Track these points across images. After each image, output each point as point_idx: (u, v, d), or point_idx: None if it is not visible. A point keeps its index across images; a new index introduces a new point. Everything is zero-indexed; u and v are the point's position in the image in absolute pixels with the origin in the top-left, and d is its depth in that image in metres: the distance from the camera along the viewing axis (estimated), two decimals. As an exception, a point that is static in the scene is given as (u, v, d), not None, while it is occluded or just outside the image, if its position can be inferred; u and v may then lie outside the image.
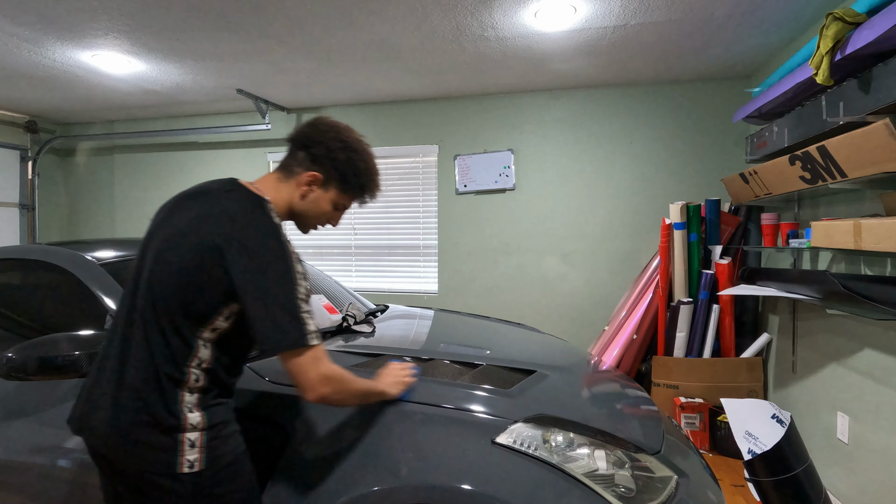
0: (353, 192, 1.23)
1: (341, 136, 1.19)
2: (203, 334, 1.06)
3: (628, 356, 3.10)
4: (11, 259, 1.80)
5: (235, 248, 1.03)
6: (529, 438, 1.22)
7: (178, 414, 1.03)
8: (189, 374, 1.05)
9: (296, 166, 1.18)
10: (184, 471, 1.02)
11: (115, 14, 2.44)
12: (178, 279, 1.04)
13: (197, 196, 1.13)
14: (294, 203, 1.19)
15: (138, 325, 1.06)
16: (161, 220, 1.13)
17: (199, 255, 1.03)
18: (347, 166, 1.19)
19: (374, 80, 3.45)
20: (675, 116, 3.49)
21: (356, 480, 1.17)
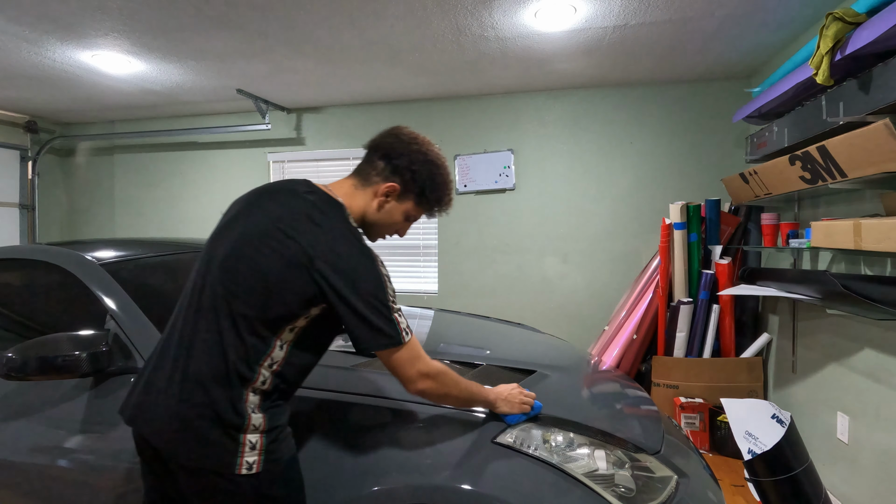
0: (428, 206, 1.22)
1: (423, 149, 1.19)
2: (282, 335, 1.05)
3: (628, 356, 3.10)
4: (11, 259, 1.80)
5: (325, 255, 1.03)
6: (529, 438, 1.22)
7: (243, 413, 1.01)
8: (258, 375, 1.04)
9: (374, 175, 1.18)
10: (241, 472, 1.00)
11: (115, 14, 2.44)
12: (262, 280, 1.03)
13: (276, 195, 1.12)
14: (368, 212, 1.18)
15: (209, 318, 1.04)
16: (237, 215, 1.12)
17: (287, 260, 1.03)
18: (428, 180, 1.18)
19: (374, 80, 3.45)
20: (675, 116, 3.49)
21: (356, 480, 1.17)
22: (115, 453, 1.36)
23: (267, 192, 1.15)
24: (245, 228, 1.08)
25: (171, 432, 1.01)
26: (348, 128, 4.07)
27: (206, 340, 1.03)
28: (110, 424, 1.39)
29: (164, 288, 1.70)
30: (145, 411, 1.05)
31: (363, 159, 1.22)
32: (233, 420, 1.01)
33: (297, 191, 1.13)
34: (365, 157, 1.22)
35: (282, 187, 1.15)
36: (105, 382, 1.44)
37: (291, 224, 1.05)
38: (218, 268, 1.07)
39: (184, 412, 1.01)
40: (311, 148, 4.15)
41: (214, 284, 1.06)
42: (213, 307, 1.05)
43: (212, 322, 1.04)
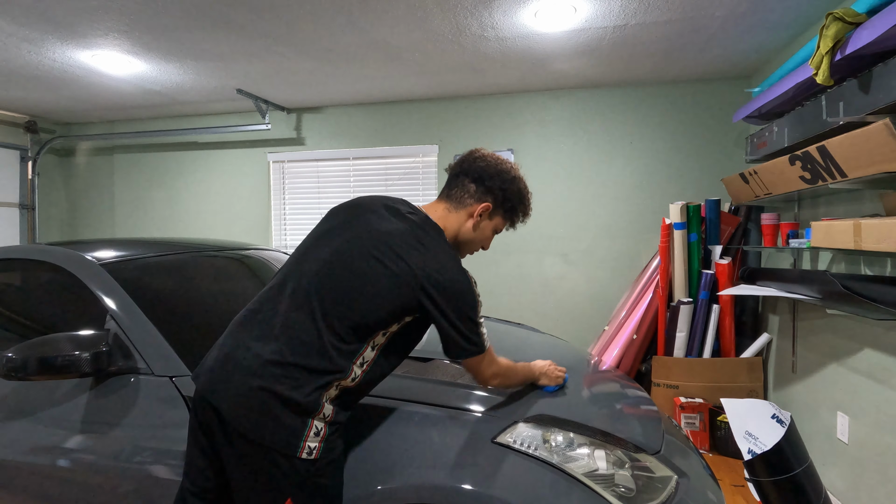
0: (514, 219, 1.35)
1: (507, 167, 1.31)
2: (375, 338, 1.13)
3: (628, 356, 3.10)
4: (11, 259, 1.80)
5: (432, 276, 1.13)
6: (529, 438, 1.22)
7: (318, 400, 1.07)
8: (351, 372, 1.10)
9: (468, 198, 1.29)
10: (302, 455, 1.05)
11: (115, 14, 2.44)
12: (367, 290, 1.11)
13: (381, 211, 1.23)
14: (463, 232, 1.29)
15: (304, 316, 1.10)
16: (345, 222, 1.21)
17: (396, 277, 1.12)
18: (517, 197, 1.31)
19: (373, 80, 3.45)
20: (675, 116, 3.49)
21: (356, 480, 1.17)
22: (115, 453, 1.36)
23: (370, 206, 1.24)
24: (349, 238, 1.17)
25: (246, 408, 1.06)
26: (348, 128, 4.07)
27: (306, 332, 1.09)
28: (110, 424, 1.39)
29: (164, 288, 1.70)
30: (222, 383, 1.09)
31: (452, 184, 1.32)
32: (308, 405, 1.06)
33: (401, 210, 1.23)
34: (453, 181, 1.31)
35: (385, 204, 1.25)
36: (105, 382, 1.44)
37: (400, 243, 1.15)
38: (317, 272, 1.14)
39: (263, 392, 1.05)
40: (311, 148, 4.15)
41: (310, 285, 1.13)
42: (308, 306, 1.11)
43: (307, 319, 1.10)
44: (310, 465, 1.07)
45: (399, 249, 1.14)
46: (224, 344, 1.15)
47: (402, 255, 1.14)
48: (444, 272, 1.14)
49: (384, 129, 4.00)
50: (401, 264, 1.13)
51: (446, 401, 1.31)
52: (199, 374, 1.16)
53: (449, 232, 1.27)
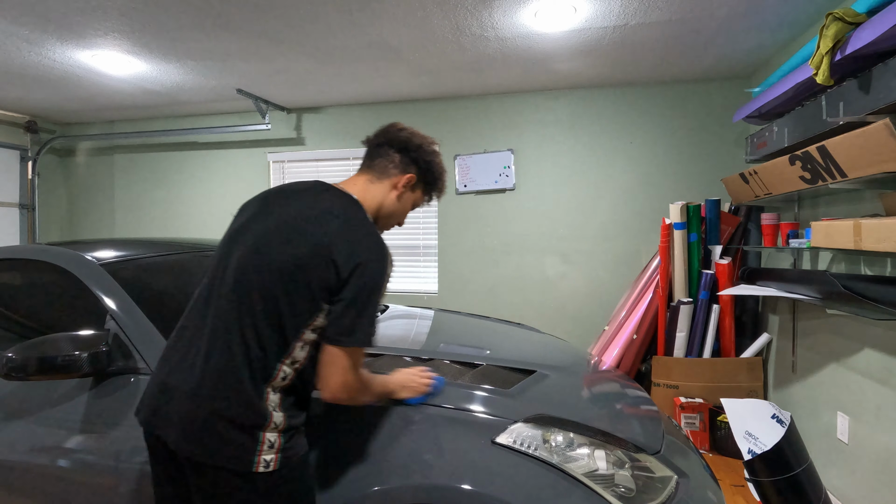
0: (432, 193, 1.33)
1: (429, 140, 1.29)
2: (303, 335, 1.06)
3: (628, 356, 3.10)
4: (11, 259, 1.80)
5: (344, 247, 1.06)
6: (529, 438, 1.22)
7: (264, 412, 1.03)
8: (279, 371, 1.05)
9: (392, 168, 1.25)
10: (259, 470, 1.02)
11: (115, 14, 2.44)
12: (282, 276, 1.04)
13: (291, 194, 1.16)
14: (386, 203, 1.24)
15: (228, 319, 1.05)
16: (254, 215, 1.15)
17: (310, 253, 1.05)
18: (437, 171, 1.30)
19: (374, 80, 3.45)
20: (675, 116, 3.49)
21: (356, 481, 1.17)
22: (115, 453, 1.36)
23: (282, 192, 1.18)
24: (263, 228, 1.11)
25: (189, 432, 1.02)
26: (348, 128, 4.07)
27: (227, 341, 1.04)
28: (110, 424, 1.39)
29: (164, 288, 1.70)
30: (162, 413, 1.05)
31: (374, 154, 1.27)
32: (254, 419, 1.02)
33: (313, 190, 1.16)
34: (375, 152, 1.27)
35: (297, 187, 1.18)
36: (105, 382, 1.44)
37: (310, 220, 1.09)
38: (236, 268, 1.08)
39: (203, 412, 1.01)
40: (311, 148, 4.15)
41: (232, 284, 1.07)
42: (232, 308, 1.06)
43: (231, 322, 1.05)
44: (268, 477, 1.03)
45: (309, 226, 1.07)
46: (159, 371, 1.10)
47: (313, 231, 1.07)
48: (355, 241, 1.07)
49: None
50: (311, 239, 1.06)
51: (446, 401, 1.31)
52: (140, 408, 1.11)
53: (369, 203, 1.21)
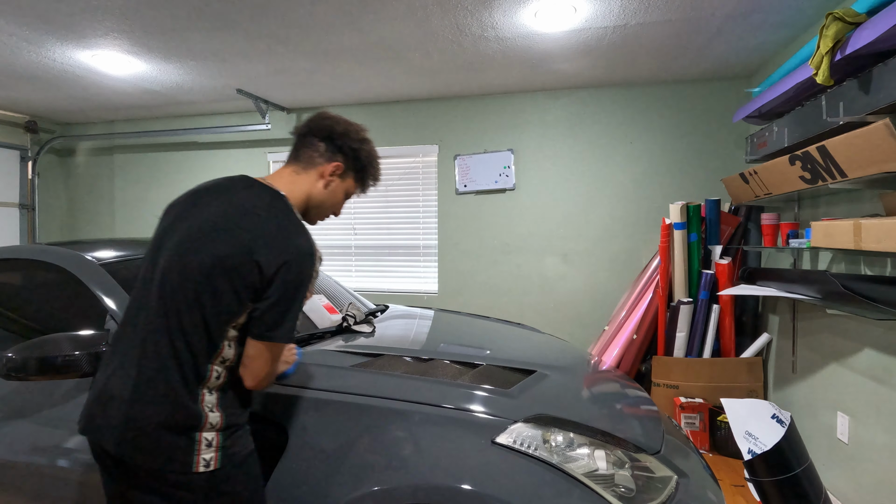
0: (365, 181, 1.30)
1: (356, 128, 1.26)
2: (229, 333, 1.06)
3: (628, 356, 3.10)
4: (11, 259, 1.80)
5: (265, 244, 1.05)
6: (529, 438, 1.22)
7: (197, 413, 1.03)
8: (211, 372, 1.05)
9: (317, 157, 1.22)
10: (199, 470, 1.02)
11: (115, 14, 2.44)
12: (206, 275, 1.04)
13: (214, 192, 1.14)
14: (314, 194, 1.22)
15: (158, 322, 1.05)
16: (178, 217, 1.13)
17: (231, 253, 1.04)
18: (367, 157, 1.27)
19: (374, 80, 3.45)
20: (675, 116, 3.49)
21: (356, 480, 1.17)
22: (115, 453, 1.36)
23: (206, 190, 1.15)
24: (186, 230, 1.09)
25: (127, 439, 1.02)
26: (348, 128, 4.07)
27: (157, 346, 1.04)
28: (110, 424, 1.39)
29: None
30: (99, 420, 1.05)
31: (300, 145, 1.25)
32: (188, 421, 1.02)
33: (237, 186, 1.14)
34: (301, 142, 1.25)
35: (219, 185, 1.16)
36: (105, 382, 1.44)
37: (233, 219, 1.07)
38: (161, 272, 1.07)
39: (138, 417, 1.01)
40: (311, 148, 4.14)
41: (158, 290, 1.06)
42: (160, 313, 1.05)
43: (160, 328, 1.04)
44: (210, 476, 1.03)
45: (233, 225, 1.06)
46: (98, 379, 1.10)
47: (236, 230, 1.05)
48: (279, 240, 1.05)
49: (384, 129, 4.00)
50: (235, 238, 1.04)
51: (446, 401, 1.31)
52: (81, 417, 1.10)
53: (296, 196, 1.20)
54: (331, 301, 2.08)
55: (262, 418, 1.31)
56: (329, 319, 1.90)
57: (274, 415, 1.31)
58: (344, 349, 1.63)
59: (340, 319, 1.91)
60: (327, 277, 2.47)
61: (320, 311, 1.90)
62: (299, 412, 1.30)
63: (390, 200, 4.04)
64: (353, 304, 2.04)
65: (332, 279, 2.53)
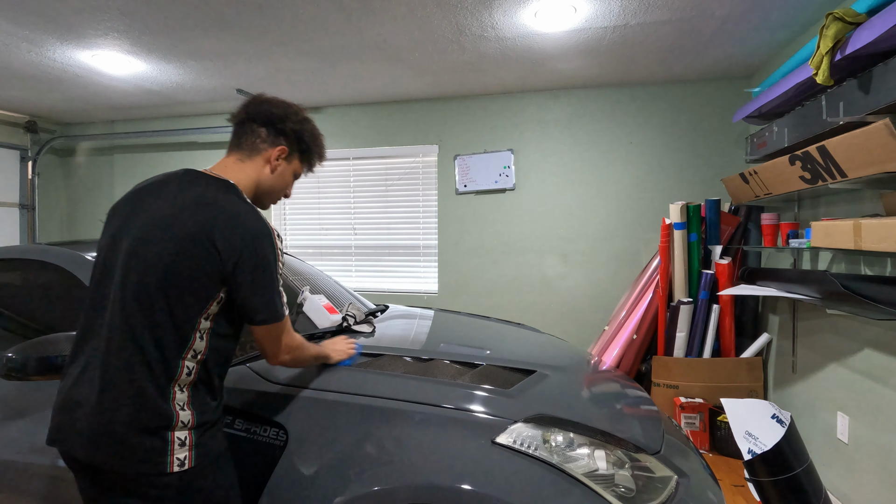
0: (311, 160, 1.31)
1: (296, 110, 1.26)
2: (200, 324, 1.06)
3: (628, 356, 3.10)
4: (11, 259, 1.80)
5: (224, 232, 1.05)
6: (529, 438, 1.22)
7: (168, 413, 1.02)
8: (182, 368, 1.04)
9: (260, 143, 1.22)
10: (174, 470, 1.01)
11: (115, 14, 2.44)
12: (169, 270, 1.03)
13: (162, 188, 1.13)
14: (262, 180, 1.22)
15: (121, 323, 1.04)
16: (128, 216, 1.11)
17: (190, 243, 1.04)
18: (311, 137, 1.27)
19: (374, 80, 3.45)
20: (675, 116, 3.49)
21: (356, 480, 1.17)
22: (115, 453, 1.36)
23: (150, 187, 1.14)
24: (138, 229, 1.08)
25: (98, 444, 1.01)
26: (348, 128, 4.07)
27: (122, 348, 1.03)
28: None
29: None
30: (66, 428, 1.04)
31: (240, 132, 1.24)
32: (159, 421, 1.01)
33: (183, 180, 1.13)
34: (240, 130, 1.24)
35: (165, 180, 1.15)
36: (105, 382, 1.44)
37: (184, 211, 1.07)
38: (122, 272, 1.06)
39: (107, 422, 1.00)
40: (311, 148, 4.15)
41: (120, 291, 1.05)
42: (122, 315, 1.04)
43: (124, 329, 1.03)
44: (184, 475, 1.03)
45: (186, 218, 1.05)
46: (62, 388, 1.08)
47: (189, 228, 1.05)
48: (235, 225, 1.06)
49: (384, 129, 4.00)
50: (192, 229, 1.04)
51: (446, 401, 1.31)
52: (49, 429, 1.08)
53: (245, 183, 1.19)
54: (331, 301, 2.08)
55: (261, 418, 1.31)
56: (329, 319, 1.90)
57: (274, 415, 1.31)
58: (344, 349, 1.63)
59: (340, 319, 1.91)
60: (327, 277, 2.47)
61: (320, 311, 1.91)
62: (299, 412, 1.30)
63: (390, 200, 4.04)
64: (353, 304, 2.04)
65: (332, 279, 2.53)
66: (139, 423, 1.00)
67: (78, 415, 1.03)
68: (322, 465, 1.21)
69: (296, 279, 2.15)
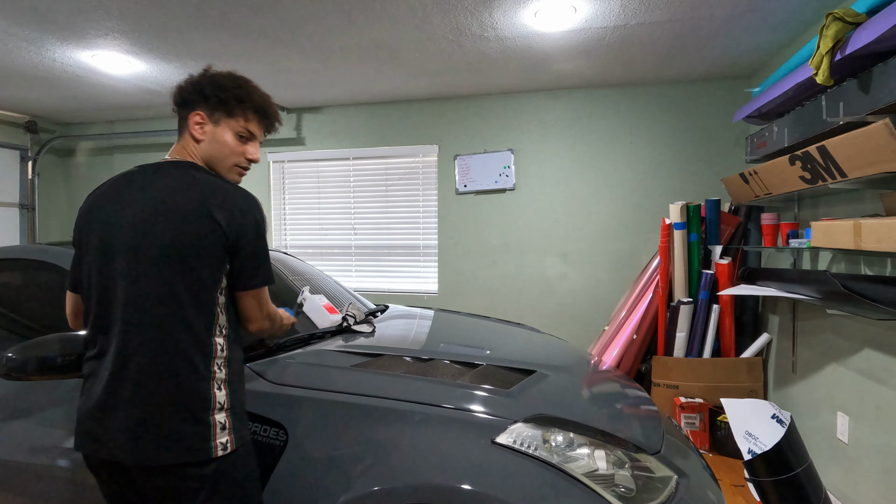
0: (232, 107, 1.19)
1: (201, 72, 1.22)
2: (219, 300, 1.09)
3: (628, 356, 3.10)
4: (11, 259, 1.80)
5: (219, 205, 1.08)
6: (529, 438, 1.22)
7: (207, 395, 1.03)
8: (215, 346, 1.07)
9: (181, 121, 1.21)
10: (218, 454, 1.03)
11: (115, 14, 2.44)
12: (182, 251, 1.04)
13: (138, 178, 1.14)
14: (200, 151, 1.19)
15: (141, 319, 1.03)
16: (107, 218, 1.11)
17: (193, 221, 1.05)
18: (216, 89, 1.18)
19: (374, 80, 3.45)
20: (675, 116, 3.49)
21: (356, 480, 1.17)
22: (115, 453, 1.36)
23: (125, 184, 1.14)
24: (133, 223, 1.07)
25: (141, 440, 1.00)
26: (348, 128, 4.07)
27: (152, 339, 1.03)
28: (110, 424, 1.39)
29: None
30: (101, 435, 1.03)
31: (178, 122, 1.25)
32: (201, 404, 1.02)
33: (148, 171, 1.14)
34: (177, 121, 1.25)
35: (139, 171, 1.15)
36: (105, 382, 1.44)
37: (176, 193, 1.08)
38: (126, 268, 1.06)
39: (150, 416, 1.00)
40: (311, 148, 4.15)
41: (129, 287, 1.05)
42: (143, 308, 1.04)
43: (149, 322, 1.03)
44: (227, 458, 1.04)
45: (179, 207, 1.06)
46: (85, 400, 1.08)
47: (184, 209, 1.06)
48: (227, 198, 1.10)
49: (384, 129, 4.00)
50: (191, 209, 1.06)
51: (446, 401, 1.31)
52: (78, 441, 1.07)
53: (199, 163, 1.19)
54: (331, 301, 2.08)
55: (262, 418, 1.31)
56: (329, 319, 1.90)
57: (274, 414, 1.31)
58: (344, 349, 1.63)
59: (340, 319, 1.91)
60: (327, 277, 2.47)
61: (320, 311, 1.91)
62: (299, 412, 1.30)
63: (390, 200, 4.04)
64: (353, 304, 2.04)
65: (332, 279, 2.53)
66: (182, 410, 1.01)
67: (114, 416, 1.02)
68: (322, 465, 1.21)
69: (296, 279, 2.15)
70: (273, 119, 1.28)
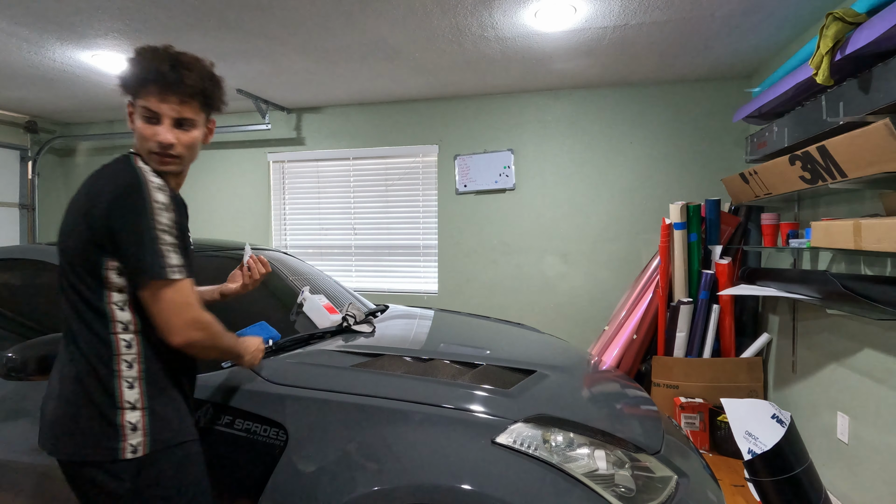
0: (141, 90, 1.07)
1: None
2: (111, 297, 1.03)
3: (628, 356, 3.10)
4: (11, 259, 1.80)
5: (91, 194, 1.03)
6: (529, 438, 1.22)
7: (112, 392, 1.01)
8: (117, 342, 1.03)
9: None
10: (126, 457, 0.99)
11: (115, 14, 2.44)
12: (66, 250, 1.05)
13: None
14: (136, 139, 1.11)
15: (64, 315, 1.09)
16: None
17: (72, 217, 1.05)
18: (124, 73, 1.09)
19: (374, 80, 3.45)
20: (675, 116, 3.49)
21: (356, 480, 1.17)
22: (115, 453, 1.36)
23: None
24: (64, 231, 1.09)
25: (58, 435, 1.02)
26: (348, 128, 4.07)
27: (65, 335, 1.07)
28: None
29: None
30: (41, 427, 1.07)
31: None
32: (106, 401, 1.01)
33: None
34: None
35: None
36: (105, 382, 1.44)
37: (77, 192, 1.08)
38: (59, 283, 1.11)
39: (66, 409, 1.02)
40: (311, 148, 4.15)
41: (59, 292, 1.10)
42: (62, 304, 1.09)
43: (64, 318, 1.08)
44: (138, 462, 1.00)
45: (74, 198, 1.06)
46: None
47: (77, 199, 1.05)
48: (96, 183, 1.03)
49: (384, 129, 4.00)
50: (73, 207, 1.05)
51: (446, 401, 1.31)
52: None
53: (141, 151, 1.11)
54: (331, 301, 2.08)
55: (261, 418, 1.31)
56: (329, 319, 1.90)
57: (274, 415, 1.31)
58: (344, 349, 1.63)
59: (340, 319, 1.91)
60: (327, 277, 2.48)
61: (320, 311, 1.91)
62: (299, 412, 1.30)
63: (390, 200, 4.04)
64: (353, 304, 2.04)
65: (332, 279, 2.53)
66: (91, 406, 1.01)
67: (45, 410, 1.06)
68: (322, 465, 1.21)
69: (296, 279, 2.15)
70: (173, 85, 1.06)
